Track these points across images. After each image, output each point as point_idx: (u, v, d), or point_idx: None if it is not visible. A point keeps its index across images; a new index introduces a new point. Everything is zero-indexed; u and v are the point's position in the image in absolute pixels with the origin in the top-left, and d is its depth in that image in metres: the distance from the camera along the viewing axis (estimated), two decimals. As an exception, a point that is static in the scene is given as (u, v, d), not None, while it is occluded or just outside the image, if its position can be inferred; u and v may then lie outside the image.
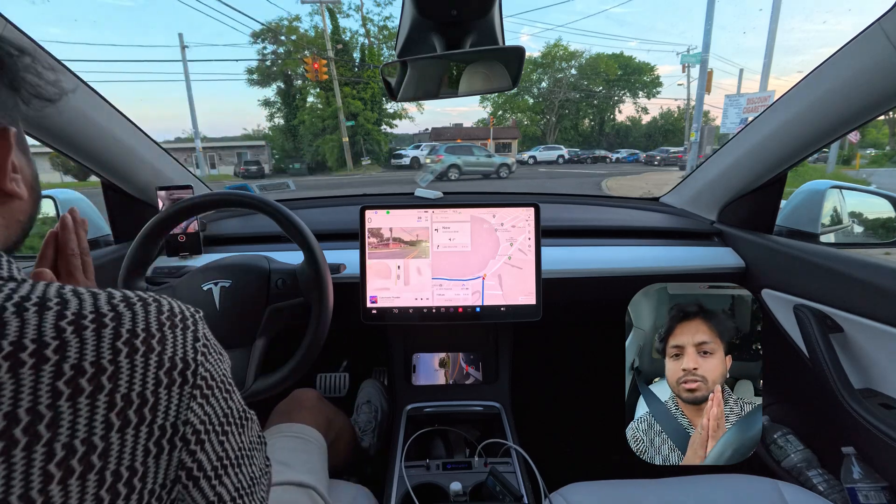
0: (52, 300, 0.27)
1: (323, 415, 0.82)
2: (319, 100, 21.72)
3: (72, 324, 0.27)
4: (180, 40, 16.08)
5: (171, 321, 0.32)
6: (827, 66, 0.74)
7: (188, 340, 0.32)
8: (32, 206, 0.40)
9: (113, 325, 0.28)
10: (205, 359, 0.33)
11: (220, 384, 0.35)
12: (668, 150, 21.35)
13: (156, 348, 0.30)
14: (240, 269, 0.78)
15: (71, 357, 0.26)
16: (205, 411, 0.33)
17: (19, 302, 0.26)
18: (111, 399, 0.27)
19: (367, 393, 1.21)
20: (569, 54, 29.16)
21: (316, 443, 0.74)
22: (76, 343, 0.26)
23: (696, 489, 0.73)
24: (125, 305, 0.30)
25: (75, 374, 0.26)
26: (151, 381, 0.29)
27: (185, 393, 0.31)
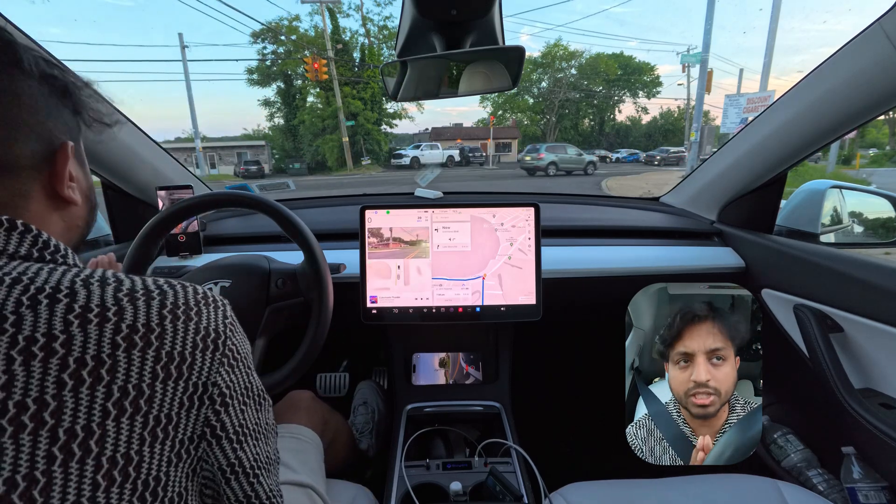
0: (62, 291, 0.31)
1: (318, 415, 0.83)
2: (319, 100, 21.71)
3: (127, 295, 0.33)
4: (180, 40, 16.08)
5: (205, 299, 0.38)
6: (827, 66, 0.74)
7: (219, 316, 0.38)
8: (88, 214, 0.46)
9: (159, 298, 0.34)
10: (232, 334, 0.39)
11: (244, 360, 0.40)
12: (668, 149, 21.34)
13: (193, 318, 0.36)
14: (240, 268, 0.78)
15: (127, 319, 0.32)
16: (231, 378, 0.38)
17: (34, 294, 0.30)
18: (158, 354, 0.33)
19: (363, 394, 1.21)
20: (569, 54, 29.15)
21: (312, 443, 0.75)
22: (131, 309, 0.32)
23: (696, 489, 0.73)
24: (168, 286, 0.36)
25: (129, 332, 0.32)
26: (190, 343, 0.35)
27: (216, 359, 0.36)
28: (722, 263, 1.03)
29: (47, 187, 0.39)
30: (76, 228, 0.44)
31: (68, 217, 0.42)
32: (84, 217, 0.45)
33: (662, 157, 20.31)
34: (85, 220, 0.45)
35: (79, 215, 0.44)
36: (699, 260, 1.03)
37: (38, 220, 0.38)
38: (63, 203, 0.41)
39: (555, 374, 1.48)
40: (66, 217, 0.42)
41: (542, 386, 1.44)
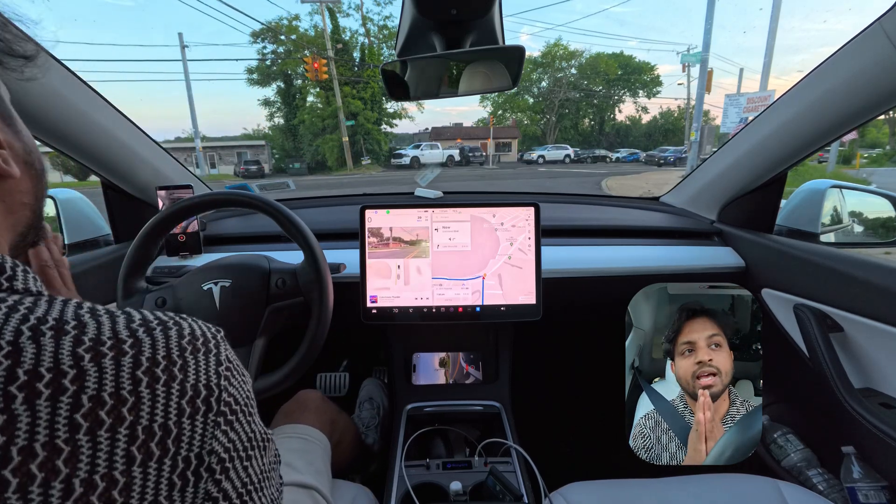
0: (69, 323, 0.26)
1: (327, 416, 0.83)
2: (319, 99, 21.72)
3: (90, 351, 0.25)
4: (180, 40, 16.08)
5: (192, 345, 0.30)
6: (827, 66, 0.74)
7: (210, 365, 0.31)
8: (35, 185, 0.36)
9: (132, 353, 0.27)
10: (228, 383, 0.32)
11: (244, 408, 0.33)
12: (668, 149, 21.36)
13: (177, 376, 0.28)
14: (240, 268, 0.78)
15: (89, 388, 0.25)
16: (229, 438, 0.31)
17: (35, 325, 0.25)
18: (132, 432, 0.25)
19: (368, 391, 1.22)
20: (569, 54, 29.14)
21: (319, 444, 0.75)
22: (94, 372, 0.25)
23: (696, 489, 0.73)
24: (144, 331, 0.28)
25: (94, 406, 0.24)
26: (174, 410, 0.28)
27: (210, 421, 0.29)
28: (722, 263, 1.03)
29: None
30: (22, 207, 0.35)
31: (6, 195, 0.33)
32: (31, 191, 0.36)
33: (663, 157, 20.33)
34: (33, 193, 0.36)
35: (21, 189, 0.35)
36: (699, 260, 1.03)
37: None
38: None
39: (555, 374, 1.48)
40: (4, 195, 0.33)
41: (542, 386, 1.44)
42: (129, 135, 0.95)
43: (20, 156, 0.35)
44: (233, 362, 0.33)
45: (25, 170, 0.35)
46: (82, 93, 0.82)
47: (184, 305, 0.75)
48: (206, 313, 0.74)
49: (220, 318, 0.74)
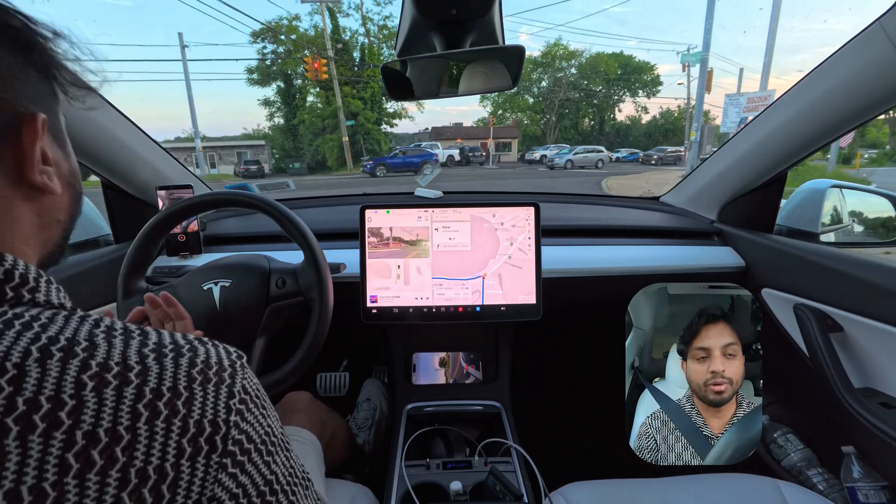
0: (80, 344, 0.25)
1: (317, 416, 0.83)
2: (319, 99, 21.72)
3: (94, 378, 0.24)
4: (180, 40, 16.07)
5: (203, 375, 0.28)
6: (827, 66, 0.73)
7: (221, 398, 0.28)
8: (71, 205, 0.37)
9: (136, 383, 0.25)
10: (241, 418, 0.29)
11: (261, 446, 0.30)
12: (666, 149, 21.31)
13: (180, 410, 0.26)
14: (240, 268, 0.78)
15: (85, 423, 0.23)
16: (238, 482, 0.28)
17: (45, 345, 0.24)
18: (124, 476, 0.23)
19: (367, 391, 1.22)
20: (568, 53, 29.14)
21: (310, 444, 0.75)
22: (94, 404, 0.23)
23: (696, 488, 0.73)
24: (154, 358, 0.27)
25: (87, 445, 0.23)
26: (172, 451, 0.25)
27: (213, 463, 0.26)
28: (722, 263, 1.03)
29: (12, 173, 0.31)
30: (56, 224, 0.36)
31: (43, 210, 0.34)
32: (66, 209, 0.37)
33: (660, 157, 20.31)
34: (67, 212, 0.37)
35: (59, 207, 0.35)
36: (699, 259, 1.03)
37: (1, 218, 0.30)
38: (35, 192, 0.32)
39: (555, 374, 1.48)
40: (41, 210, 0.33)
41: (542, 385, 1.44)
42: (129, 135, 0.95)
43: (65, 176, 0.36)
44: (250, 393, 0.31)
45: (66, 189, 0.36)
46: (82, 93, 0.82)
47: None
48: (206, 313, 0.74)
49: (220, 318, 0.74)
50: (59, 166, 0.35)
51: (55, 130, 0.35)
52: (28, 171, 0.31)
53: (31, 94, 0.32)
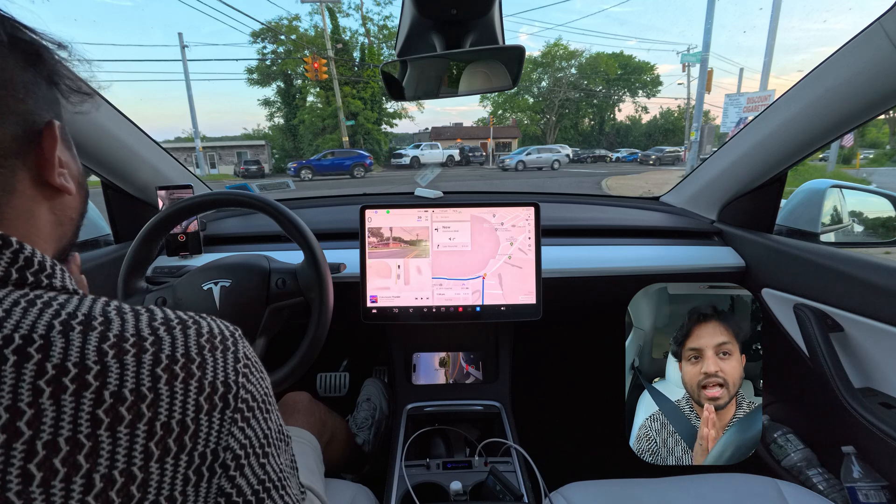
0: (97, 319, 0.28)
1: (316, 416, 0.83)
2: (319, 99, 21.72)
3: (113, 347, 0.27)
4: (180, 40, 16.07)
5: (210, 343, 0.31)
6: (827, 66, 0.73)
7: (229, 362, 0.32)
8: (82, 203, 0.40)
9: (153, 351, 0.28)
10: (246, 380, 0.32)
11: (262, 405, 0.34)
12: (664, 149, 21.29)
13: (196, 373, 0.29)
14: (240, 268, 0.78)
15: (111, 384, 0.26)
16: (245, 434, 0.32)
17: (66, 320, 0.27)
18: (150, 428, 0.26)
19: (367, 391, 1.22)
20: (568, 53, 29.14)
21: (310, 444, 0.75)
22: (116, 369, 0.26)
23: (696, 488, 0.73)
24: (165, 329, 0.30)
25: (115, 402, 0.25)
26: (192, 407, 0.28)
27: (227, 418, 0.30)
28: (722, 263, 1.03)
29: (35, 177, 0.34)
30: (70, 221, 0.39)
31: (60, 209, 0.37)
32: (78, 208, 0.40)
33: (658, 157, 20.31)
34: (79, 210, 0.40)
35: (72, 206, 0.38)
36: (699, 259, 1.03)
37: (25, 217, 0.33)
38: (53, 192, 0.35)
39: (555, 374, 1.48)
40: (58, 209, 0.36)
41: (542, 385, 1.44)
42: (129, 135, 0.95)
43: (76, 176, 0.38)
44: (251, 359, 0.34)
45: (78, 189, 0.38)
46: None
47: (184, 305, 0.75)
48: (206, 313, 0.74)
49: (220, 318, 0.74)
50: (70, 168, 0.37)
51: (65, 135, 0.38)
52: (49, 174, 0.34)
53: (44, 103, 0.35)
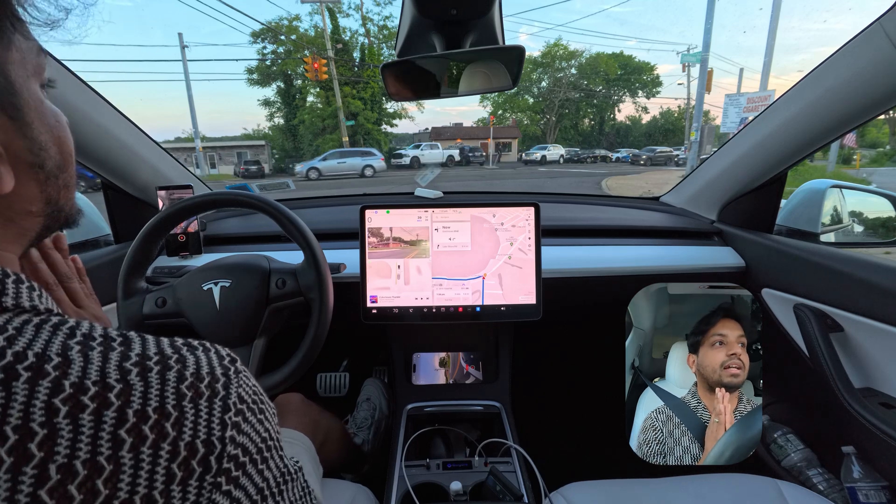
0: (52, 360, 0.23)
1: (308, 417, 0.82)
2: (319, 99, 21.72)
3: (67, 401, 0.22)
4: (180, 40, 16.07)
5: (194, 389, 0.25)
6: (827, 66, 0.73)
7: (215, 413, 0.26)
8: (42, 189, 0.30)
9: (118, 405, 0.23)
10: (237, 431, 0.27)
11: (256, 455, 0.28)
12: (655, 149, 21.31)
13: (169, 434, 0.24)
14: (240, 268, 0.78)
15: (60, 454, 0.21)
16: (232, 497, 0.26)
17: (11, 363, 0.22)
18: None
19: (367, 391, 1.22)
20: (568, 53, 29.14)
21: (303, 445, 0.74)
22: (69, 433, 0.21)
23: (696, 488, 0.73)
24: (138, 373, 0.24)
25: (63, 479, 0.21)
26: (161, 479, 0.23)
27: (206, 485, 0.25)
28: (722, 263, 1.03)
29: None
30: (27, 215, 0.30)
31: (3, 207, 0.28)
32: (37, 197, 0.30)
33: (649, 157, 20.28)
34: (41, 199, 0.30)
35: (22, 199, 0.29)
36: (699, 259, 1.03)
37: None
38: None
39: (555, 374, 1.48)
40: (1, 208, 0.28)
41: (542, 385, 1.44)
42: (129, 135, 0.95)
43: (22, 158, 0.28)
44: (247, 402, 0.28)
45: (29, 173, 0.29)
46: (82, 93, 0.82)
47: (184, 305, 0.75)
48: (206, 313, 0.74)
49: (220, 318, 0.74)
50: (11, 148, 0.27)
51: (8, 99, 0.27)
52: None
53: None
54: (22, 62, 0.28)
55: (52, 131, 0.31)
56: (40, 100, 0.30)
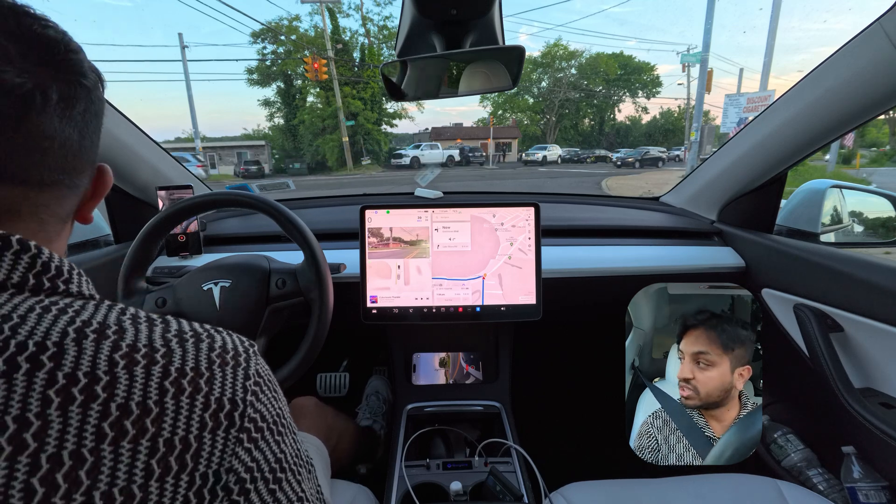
0: (111, 328, 0.27)
1: (323, 420, 0.83)
2: (319, 99, 21.72)
3: (124, 357, 0.26)
4: (180, 40, 16.07)
5: (221, 358, 0.30)
6: (827, 66, 0.74)
7: (238, 379, 0.30)
8: None
9: (163, 363, 0.27)
10: (255, 398, 0.31)
11: (273, 426, 0.32)
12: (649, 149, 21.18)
13: (203, 388, 0.28)
14: (240, 268, 0.78)
15: (119, 396, 0.25)
16: (252, 457, 0.30)
17: (80, 327, 0.26)
18: (153, 444, 0.25)
19: (374, 386, 1.24)
20: (568, 54, 29.14)
21: (318, 450, 0.75)
22: (125, 380, 0.26)
23: (696, 488, 0.73)
24: (178, 341, 0.29)
25: (121, 415, 0.25)
26: (196, 424, 0.27)
27: (231, 437, 0.29)
28: (722, 263, 1.03)
29: (76, 210, 0.36)
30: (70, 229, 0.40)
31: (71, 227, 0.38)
32: None
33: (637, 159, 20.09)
34: None
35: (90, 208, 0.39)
36: (699, 260, 1.03)
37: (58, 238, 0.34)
38: (76, 220, 0.37)
39: (555, 374, 1.48)
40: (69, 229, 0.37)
41: (542, 385, 1.44)
42: (129, 135, 0.95)
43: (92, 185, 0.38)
44: (263, 377, 0.33)
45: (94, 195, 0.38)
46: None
47: (184, 305, 0.75)
48: (206, 313, 0.74)
49: (220, 318, 0.74)
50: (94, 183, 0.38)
51: None
52: (86, 212, 0.37)
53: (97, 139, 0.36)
54: None
55: None
56: None
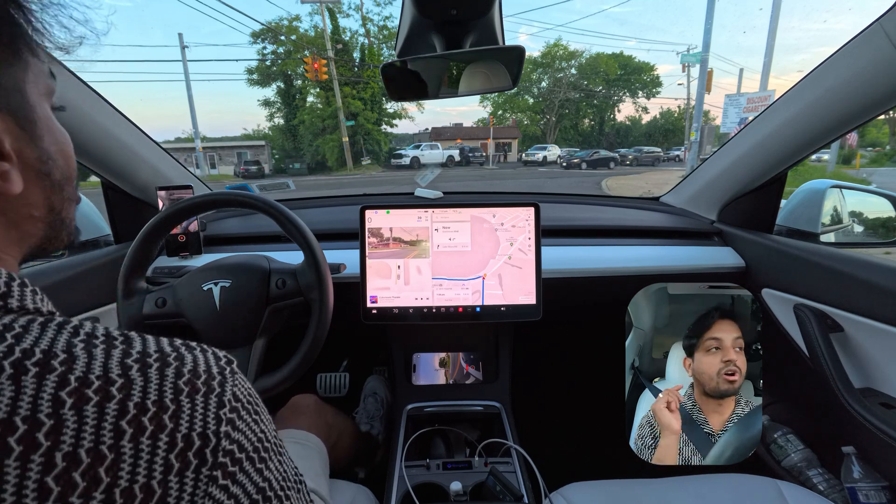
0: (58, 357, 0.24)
1: (322, 418, 0.83)
2: (319, 99, 21.73)
3: (73, 394, 0.23)
4: (180, 40, 16.07)
5: (190, 385, 0.26)
6: (827, 66, 0.74)
7: (210, 408, 0.27)
8: (49, 196, 0.32)
9: (119, 398, 0.24)
10: (232, 427, 0.27)
11: (254, 454, 0.29)
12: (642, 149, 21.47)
13: (167, 426, 0.25)
14: (240, 268, 0.78)
15: (65, 443, 0.22)
16: (230, 493, 0.27)
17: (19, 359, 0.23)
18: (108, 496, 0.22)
19: (372, 386, 1.24)
20: (568, 54, 29.14)
21: (316, 448, 0.75)
22: (73, 423, 0.22)
23: (696, 488, 0.73)
24: (138, 368, 0.25)
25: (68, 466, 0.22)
26: (159, 468, 0.24)
27: (202, 477, 0.25)
28: (722, 263, 1.03)
29: None
30: (30, 220, 0.32)
31: (8, 209, 0.30)
32: (41, 203, 0.32)
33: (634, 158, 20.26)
34: (44, 205, 0.32)
35: (28, 203, 0.31)
36: (699, 260, 1.03)
37: None
38: None
39: (555, 374, 1.48)
40: (5, 209, 0.29)
41: (542, 386, 1.44)
42: (129, 135, 0.95)
43: (31, 165, 0.30)
44: (241, 401, 0.29)
45: (36, 180, 0.31)
46: (82, 93, 0.82)
47: (184, 306, 0.75)
48: (205, 313, 0.74)
49: (220, 318, 0.74)
50: (22, 156, 0.29)
51: (16, 110, 0.29)
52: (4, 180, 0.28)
53: None
54: (35, 82, 0.31)
55: (61, 147, 0.34)
56: (50, 117, 0.33)
